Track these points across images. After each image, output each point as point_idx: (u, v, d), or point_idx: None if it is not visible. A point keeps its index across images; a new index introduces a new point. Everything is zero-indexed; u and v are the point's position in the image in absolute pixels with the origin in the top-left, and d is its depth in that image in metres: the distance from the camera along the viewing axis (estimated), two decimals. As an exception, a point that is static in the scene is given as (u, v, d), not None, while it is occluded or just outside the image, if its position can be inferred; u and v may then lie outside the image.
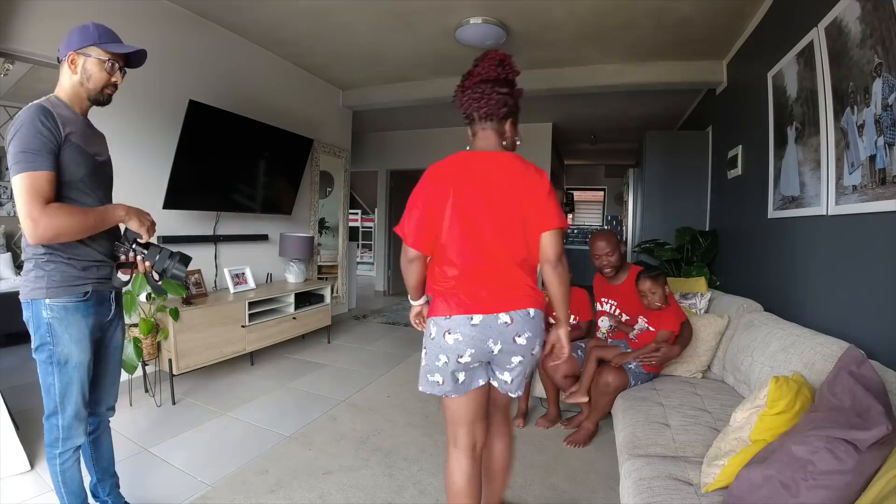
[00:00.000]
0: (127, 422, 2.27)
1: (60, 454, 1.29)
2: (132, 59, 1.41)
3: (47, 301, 1.22)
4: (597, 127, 5.87)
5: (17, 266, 4.24)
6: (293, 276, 3.75)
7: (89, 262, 1.27)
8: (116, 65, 1.32)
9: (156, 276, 1.36)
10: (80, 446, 1.34)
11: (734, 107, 3.27)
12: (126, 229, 1.32)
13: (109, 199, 1.37)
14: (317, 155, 4.35)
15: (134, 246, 1.31)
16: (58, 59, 1.30)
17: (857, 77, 1.61)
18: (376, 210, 6.89)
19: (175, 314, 2.44)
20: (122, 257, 1.31)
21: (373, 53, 3.67)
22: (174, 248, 1.36)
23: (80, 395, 1.28)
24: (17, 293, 2.03)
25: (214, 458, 1.95)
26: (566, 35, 3.19)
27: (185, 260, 1.36)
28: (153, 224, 1.35)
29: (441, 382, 1.25)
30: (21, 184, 1.11)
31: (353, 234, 5.16)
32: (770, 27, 2.59)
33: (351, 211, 5.75)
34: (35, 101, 1.21)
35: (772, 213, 2.41)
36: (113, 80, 1.32)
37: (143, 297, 2.50)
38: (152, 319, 2.42)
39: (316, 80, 4.32)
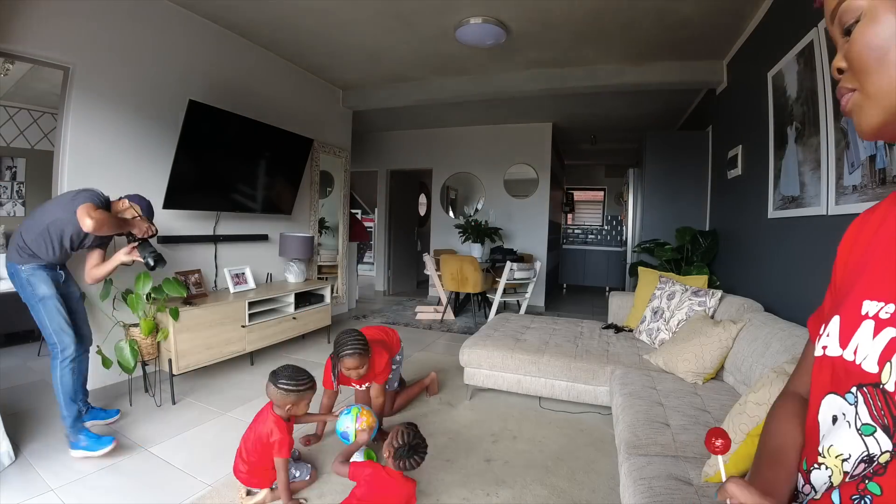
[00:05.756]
0: (127, 422, 2.27)
1: (61, 363, 1.91)
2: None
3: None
4: (597, 127, 5.87)
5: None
6: (293, 275, 3.75)
7: None
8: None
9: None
10: (73, 357, 1.94)
11: (734, 107, 3.27)
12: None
13: None
14: (317, 155, 4.35)
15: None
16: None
17: (858, 77, 1.61)
18: (376, 210, 6.89)
19: (175, 314, 2.44)
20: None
21: (373, 53, 3.67)
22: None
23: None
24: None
25: (214, 458, 1.95)
26: (566, 35, 3.19)
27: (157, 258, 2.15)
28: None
29: None
30: None
31: (353, 233, 5.16)
32: (770, 27, 2.59)
33: (351, 211, 5.75)
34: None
35: (772, 213, 2.41)
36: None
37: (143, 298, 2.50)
38: (152, 319, 2.42)
39: (316, 80, 4.32)
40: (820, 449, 0.52)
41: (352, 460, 1.77)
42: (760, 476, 0.58)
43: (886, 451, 0.43)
